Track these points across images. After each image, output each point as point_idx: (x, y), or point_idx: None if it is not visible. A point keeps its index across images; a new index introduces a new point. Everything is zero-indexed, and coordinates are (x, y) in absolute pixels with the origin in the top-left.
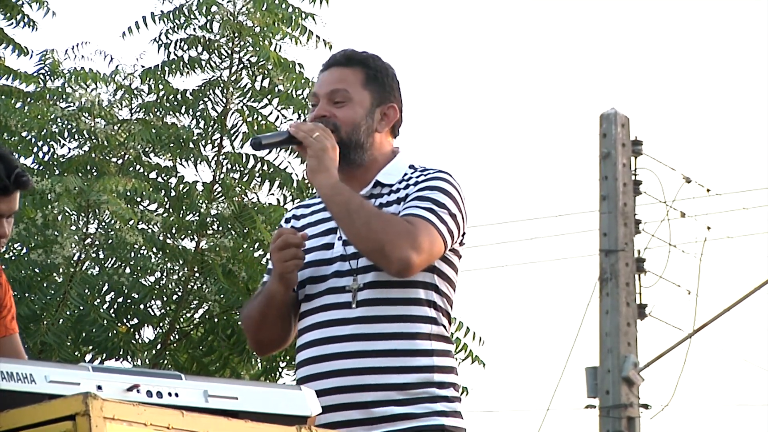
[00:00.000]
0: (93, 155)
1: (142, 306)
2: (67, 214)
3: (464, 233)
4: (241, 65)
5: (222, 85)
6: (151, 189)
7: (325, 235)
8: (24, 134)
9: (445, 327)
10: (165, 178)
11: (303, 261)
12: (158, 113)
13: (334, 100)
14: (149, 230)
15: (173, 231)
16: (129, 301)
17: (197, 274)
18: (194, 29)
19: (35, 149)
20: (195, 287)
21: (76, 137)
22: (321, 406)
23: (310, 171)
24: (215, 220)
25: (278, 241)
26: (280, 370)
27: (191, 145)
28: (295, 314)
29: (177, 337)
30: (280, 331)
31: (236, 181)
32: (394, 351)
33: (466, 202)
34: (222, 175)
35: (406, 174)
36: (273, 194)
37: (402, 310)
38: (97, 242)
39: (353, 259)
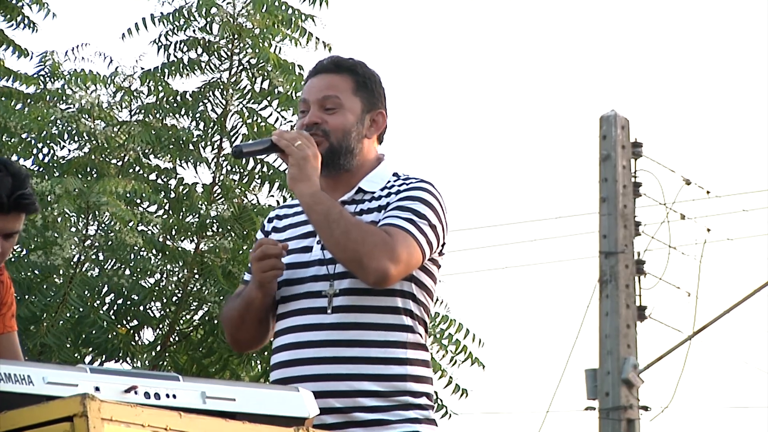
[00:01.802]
0: (93, 157)
1: (141, 308)
2: (66, 215)
3: (444, 243)
4: (241, 67)
5: (222, 86)
6: (150, 191)
7: (305, 237)
8: (24, 136)
9: (421, 335)
10: (165, 179)
11: (282, 271)
12: (158, 115)
13: (325, 107)
14: (149, 232)
15: (173, 233)
16: (129, 302)
17: (197, 276)
18: (194, 31)
19: (35, 151)
20: (195, 289)
21: (76, 139)
22: None
23: (290, 179)
24: (215, 221)
25: (258, 251)
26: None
27: (191, 147)
28: (273, 315)
29: (177, 338)
30: (257, 332)
31: (236, 182)
32: (369, 358)
33: (447, 212)
34: (222, 177)
35: (389, 182)
36: (272, 196)
37: (378, 318)
38: (96, 244)
39: (331, 264)
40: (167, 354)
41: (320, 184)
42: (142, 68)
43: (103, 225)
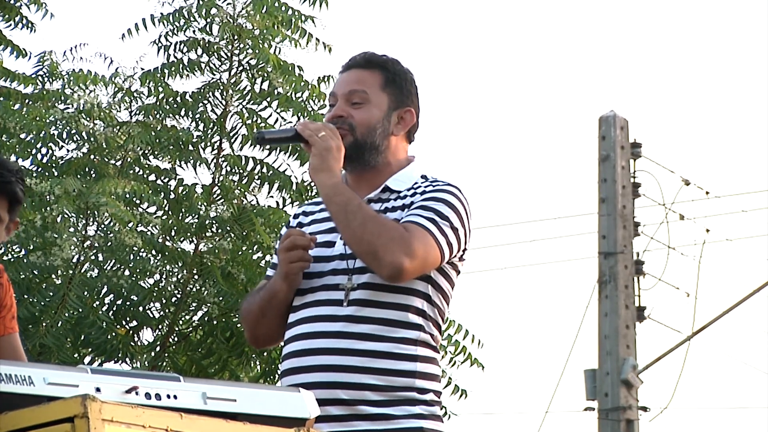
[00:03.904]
0: (92, 157)
1: (141, 308)
2: (66, 216)
3: (465, 249)
4: (241, 68)
5: (221, 87)
6: (150, 191)
7: (329, 232)
8: (23, 136)
9: (432, 336)
10: (164, 180)
11: (310, 263)
12: (158, 115)
13: (352, 101)
14: (148, 232)
15: (172, 233)
16: (128, 303)
17: (196, 277)
18: (194, 32)
19: (34, 151)
20: (194, 289)
21: (75, 139)
22: None
23: (312, 169)
24: (214, 222)
25: (286, 241)
26: (279, 372)
27: (191, 148)
28: None
29: (176, 339)
30: (278, 327)
31: (235, 183)
32: (379, 353)
33: (471, 219)
34: (221, 178)
35: (416, 182)
36: (272, 196)
37: (391, 314)
38: (96, 244)
39: (351, 258)
40: (166, 354)
41: (346, 180)
42: (142, 69)
43: (102, 226)
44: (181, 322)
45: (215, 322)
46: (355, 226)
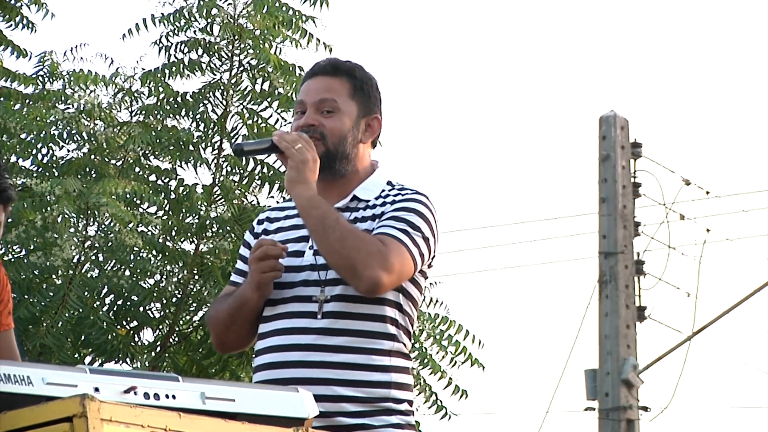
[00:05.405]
0: (92, 157)
1: (141, 308)
2: (66, 216)
3: (434, 256)
4: (242, 68)
5: (222, 87)
6: (150, 191)
7: (297, 242)
8: (23, 136)
9: (404, 344)
10: (165, 180)
11: (281, 273)
12: (158, 116)
13: (322, 110)
14: (149, 233)
15: (173, 233)
16: (128, 303)
17: (197, 277)
18: (194, 32)
19: (34, 151)
20: (194, 290)
21: (76, 139)
22: None
23: (288, 182)
24: (215, 222)
25: (258, 251)
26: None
27: (191, 148)
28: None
29: (176, 339)
30: (247, 334)
31: (236, 183)
32: (354, 365)
33: (439, 226)
34: (222, 178)
35: (383, 191)
36: (273, 197)
37: (365, 325)
38: (96, 245)
39: (323, 269)
40: (167, 355)
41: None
42: (143, 69)
43: (102, 226)
44: (181, 322)
45: None
46: (332, 240)
